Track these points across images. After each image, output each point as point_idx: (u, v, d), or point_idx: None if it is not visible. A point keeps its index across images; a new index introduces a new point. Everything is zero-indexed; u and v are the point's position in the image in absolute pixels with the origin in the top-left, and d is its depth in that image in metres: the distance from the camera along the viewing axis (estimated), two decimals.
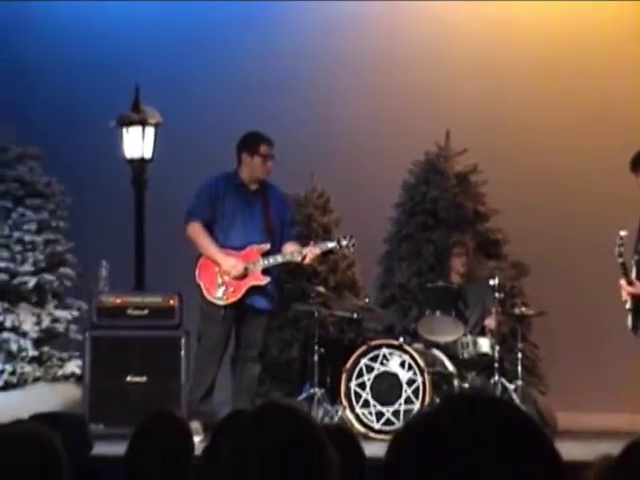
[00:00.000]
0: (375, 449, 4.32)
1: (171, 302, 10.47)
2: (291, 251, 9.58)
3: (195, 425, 8.34)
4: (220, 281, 9.51)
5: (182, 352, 10.22)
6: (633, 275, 9.20)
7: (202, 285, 9.55)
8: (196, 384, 9.63)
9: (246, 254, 9.52)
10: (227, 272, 9.45)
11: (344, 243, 9.82)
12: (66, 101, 12.50)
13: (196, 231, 9.56)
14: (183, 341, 10.26)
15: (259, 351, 9.69)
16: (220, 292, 9.53)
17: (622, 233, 9.15)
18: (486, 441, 1.88)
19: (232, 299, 9.46)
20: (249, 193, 9.66)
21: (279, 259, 9.57)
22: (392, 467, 1.95)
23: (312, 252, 9.53)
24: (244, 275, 9.48)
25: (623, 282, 9.15)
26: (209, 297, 9.52)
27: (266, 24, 12.81)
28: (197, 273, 9.61)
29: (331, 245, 9.84)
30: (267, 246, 9.53)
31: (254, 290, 9.50)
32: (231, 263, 9.44)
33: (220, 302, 9.50)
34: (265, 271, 9.57)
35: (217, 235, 9.59)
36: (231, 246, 9.56)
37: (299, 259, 9.59)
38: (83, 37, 12.90)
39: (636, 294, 9.12)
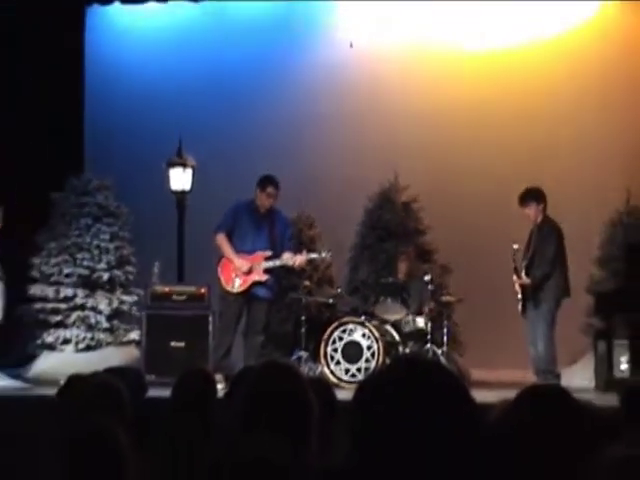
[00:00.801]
0: (344, 395, 4.22)
1: (202, 290, 10.49)
2: (286, 257, 9.59)
3: (218, 377, 8.11)
4: (233, 275, 9.59)
5: (210, 326, 10.22)
6: (522, 273, 9.30)
7: (222, 278, 9.65)
8: (218, 347, 9.72)
9: (253, 257, 9.58)
10: (238, 269, 9.56)
11: (323, 254, 10.15)
12: (132, 147, 12.39)
13: (221, 239, 9.64)
14: (210, 318, 10.26)
15: (262, 327, 9.72)
16: (232, 284, 9.61)
17: (514, 246, 9.36)
18: (421, 388, 1.82)
19: (240, 289, 9.56)
20: (260, 215, 9.67)
21: (277, 262, 9.61)
22: (357, 407, 1.89)
23: (301, 259, 9.68)
24: (250, 272, 9.54)
25: (515, 278, 9.34)
26: (225, 287, 9.63)
27: (277, 89, 12.61)
28: (219, 269, 9.68)
29: (314, 255, 10.09)
30: (269, 253, 9.57)
31: (258, 284, 9.57)
32: (241, 263, 9.54)
33: (232, 290, 9.59)
34: (267, 271, 9.57)
35: (235, 242, 9.64)
36: (243, 250, 9.60)
37: (291, 263, 9.63)
38: (146, 97, 12.77)
39: (523, 284, 9.31)
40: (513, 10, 12.36)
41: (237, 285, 9.63)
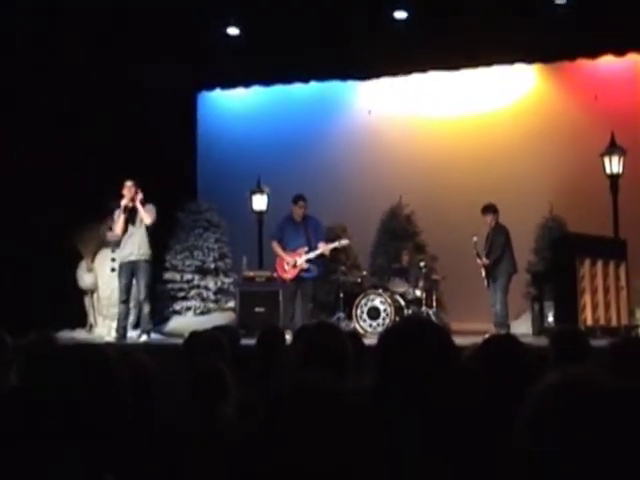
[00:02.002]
0: (369, 341, 4.07)
1: (275, 275, 10.07)
2: (320, 247, 9.25)
3: (287, 332, 7.97)
4: (286, 268, 9.40)
5: (280, 298, 10.06)
6: (483, 257, 9.39)
7: (278, 270, 9.51)
8: (285, 314, 9.56)
9: (296, 253, 9.32)
10: (288, 263, 9.35)
11: (342, 242, 9.64)
12: (229, 182, 12.18)
13: (273, 244, 9.52)
14: (280, 293, 10.06)
15: (310, 298, 9.55)
16: (286, 274, 9.40)
17: (474, 239, 9.45)
18: (421, 334, 1.79)
19: (290, 277, 9.38)
20: (297, 222, 9.38)
21: (312, 254, 9.28)
22: (380, 350, 1.85)
23: (326, 247, 9.33)
24: (295, 264, 9.33)
25: (478, 260, 9.41)
26: (282, 276, 9.48)
27: (321, 144, 12.42)
28: (276, 265, 9.55)
29: (335, 244, 9.53)
30: (306, 248, 9.29)
31: (305, 270, 9.33)
32: (289, 259, 9.34)
33: (287, 278, 9.43)
34: (307, 260, 9.27)
35: (285, 243, 9.41)
36: (289, 249, 9.36)
37: (322, 251, 9.30)
38: (238, 151, 12.61)
39: (484, 264, 9.39)
40: (474, 89, 12.21)
41: (289, 275, 9.41)
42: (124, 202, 9.07)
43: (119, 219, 9.15)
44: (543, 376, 1.32)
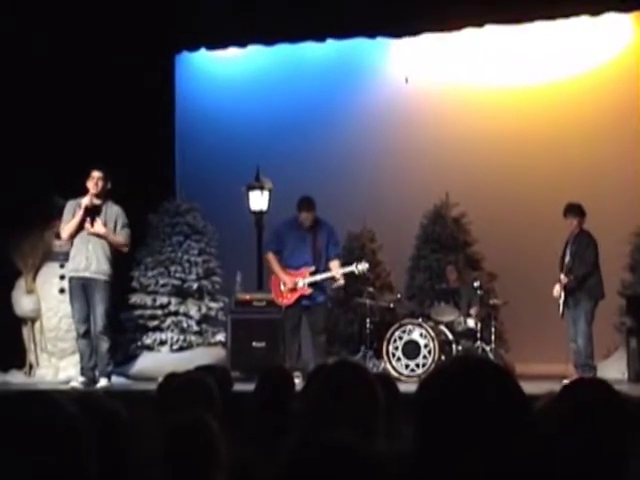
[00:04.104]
0: (404, 387, 4.25)
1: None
2: (331, 267, 9.29)
3: (296, 374, 8.10)
4: (282, 289, 9.43)
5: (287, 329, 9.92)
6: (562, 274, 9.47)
7: (273, 293, 9.57)
8: (289, 351, 9.53)
9: (299, 273, 9.36)
10: (284, 283, 9.37)
11: (359, 268, 9.46)
12: (216, 173, 12.48)
13: (269, 258, 9.57)
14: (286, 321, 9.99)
15: (322, 327, 9.46)
16: (281, 299, 9.45)
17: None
18: (475, 381, 1.81)
19: (287, 303, 9.41)
20: (304, 230, 9.40)
21: (319, 277, 9.33)
22: (421, 400, 1.88)
23: (339, 272, 9.31)
24: (294, 288, 9.32)
25: (562, 277, 9.43)
26: (276, 301, 9.53)
27: (342, 121, 12.61)
28: (270, 285, 9.63)
29: (351, 268, 9.46)
30: (313, 268, 9.32)
31: (306, 296, 9.32)
32: (285, 280, 9.35)
33: (282, 304, 9.47)
34: (311, 284, 9.28)
35: (285, 258, 9.44)
36: (291, 265, 9.40)
37: (334, 275, 9.30)
38: (228, 131, 12.83)
39: (565, 284, 9.38)
40: (550, 49, 12.29)
41: (285, 300, 9.47)
42: (86, 200, 9.10)
43: (72, 220, 9.15)
44: None
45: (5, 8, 10.23)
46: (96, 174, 9.11)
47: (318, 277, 9.34)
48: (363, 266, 9.46)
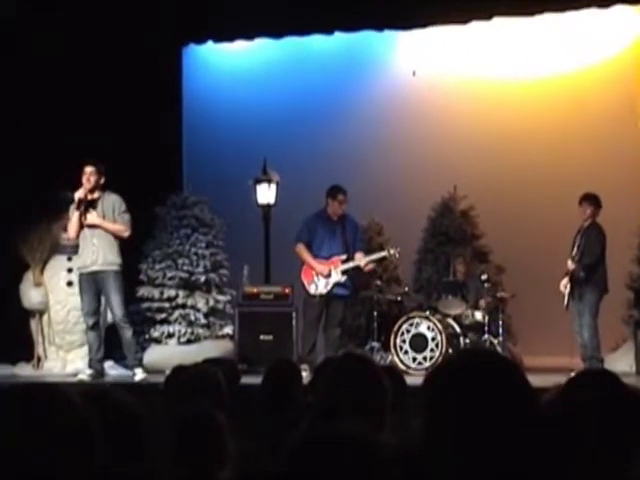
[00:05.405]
0: (411, 380, 4.25)
1: (286, 290, 10.52)
2: (358, 258, 9.53)
3: (304, 367, 8.23)
4: (316, 279, 9.57)
5: (293, 322, 10.27)
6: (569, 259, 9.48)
7: (305, 282, 9.65)
8: (304, 343, 9.69)
9: (331, 262, 9.57)
10: (320, 273, 9.57)
11: (392, 252, 9.88)
12: (224, 166, 12.47)
13: (300, 249, 9.66)
14: (294, 315, 10.28)
15: (339, 321, 9.69)
16: (314, 287, 9.58)
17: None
18: (483, 374, 1.83)
19: (322, 292, 9.56)
20: (332, 222, 9.64)
21: (350, 265, 9.55)
22: (429, 393, 1.89)
23: (366, 261, 9.59)
24: (329, 275, 9.55)
25: (570, 263, 9.43)
26: (309, 290, 9.63)
27: (350, 113, 12.57)
28: (301, 275, 9.69)
29: (383, 254, 9.88)
30: (344, 257, 9.55)
31: (337, 284, 9.55)
32: (321, 268, 9.56)
33: (315, 293, 9.58)
34: (344, 272, 9.56)
35: (314, 249, 9.62)
36: (322, 256, 9.60)
37: (362, 264, 9.59)
38: (235, 123, 12.80)
39: (571, 271, 9.40)
40: (558, 41, 12.25)
41: (321, 287, 9.57)
42: (79, 194, 9.14)
43: (73, 217, 9.24)
44: None
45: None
46: (88, 169, 9.15)
47: (351, 264, 9.55)
48: (393, 250, 9.82)
